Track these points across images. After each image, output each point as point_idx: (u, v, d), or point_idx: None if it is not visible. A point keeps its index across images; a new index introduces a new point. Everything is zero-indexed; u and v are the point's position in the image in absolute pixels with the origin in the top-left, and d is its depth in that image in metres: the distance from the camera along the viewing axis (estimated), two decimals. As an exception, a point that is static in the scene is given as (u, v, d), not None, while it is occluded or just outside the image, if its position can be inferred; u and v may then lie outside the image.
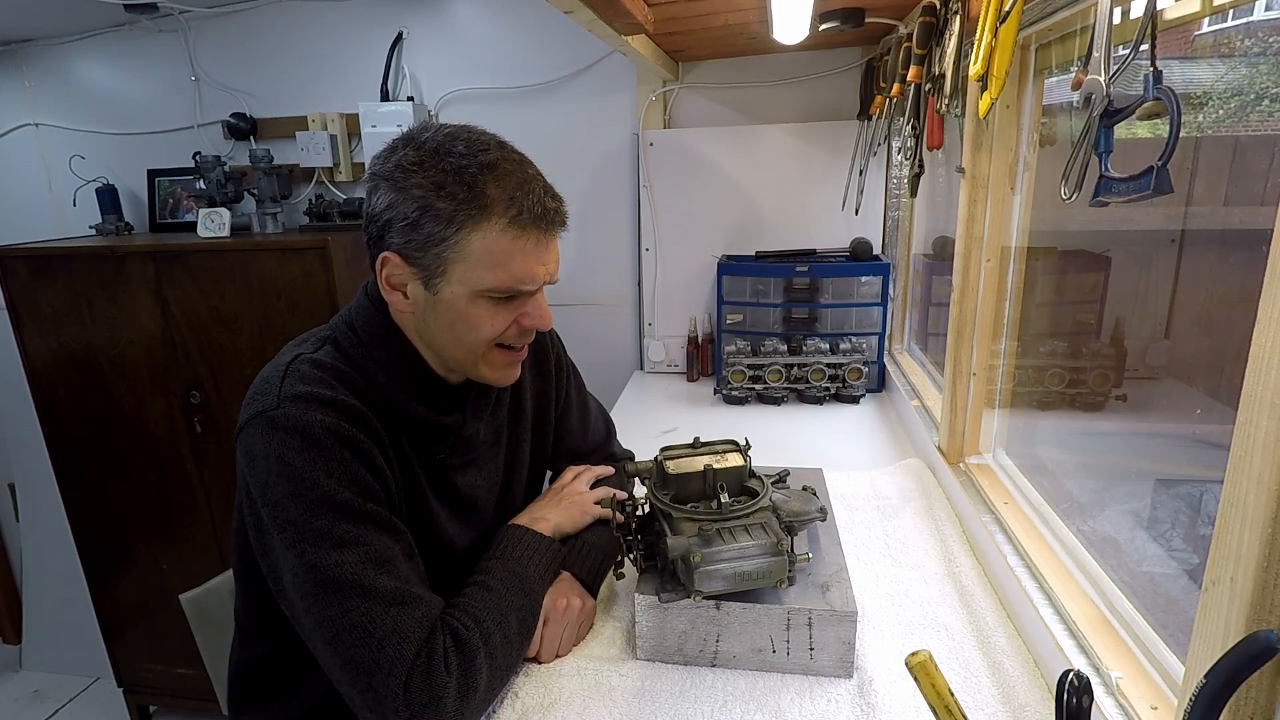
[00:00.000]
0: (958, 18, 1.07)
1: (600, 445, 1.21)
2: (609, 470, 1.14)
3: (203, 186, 2.12)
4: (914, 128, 1.29)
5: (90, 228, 2.31)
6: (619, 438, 1.27)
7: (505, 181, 0.78)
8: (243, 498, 0.82)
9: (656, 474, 0.94)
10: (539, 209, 0.79)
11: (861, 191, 1.78)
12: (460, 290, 0.79)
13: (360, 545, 0.74)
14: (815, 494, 1.02)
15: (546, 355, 1.10)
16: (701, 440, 0.97)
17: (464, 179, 0.76)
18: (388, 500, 0.80)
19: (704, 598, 0.82)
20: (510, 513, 1.01)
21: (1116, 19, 0.68)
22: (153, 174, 2.37)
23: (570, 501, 1.04)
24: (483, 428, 0.96)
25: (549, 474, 1.15)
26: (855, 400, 1.84)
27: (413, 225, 0.77)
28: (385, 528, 0.77)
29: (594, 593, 0.97)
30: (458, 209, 0.76)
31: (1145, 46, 0.60)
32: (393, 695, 0.71)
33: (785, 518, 0.88)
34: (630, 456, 1.25)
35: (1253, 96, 0.82)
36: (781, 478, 1.07)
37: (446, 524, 0.92)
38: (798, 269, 1.87)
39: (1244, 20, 0.80)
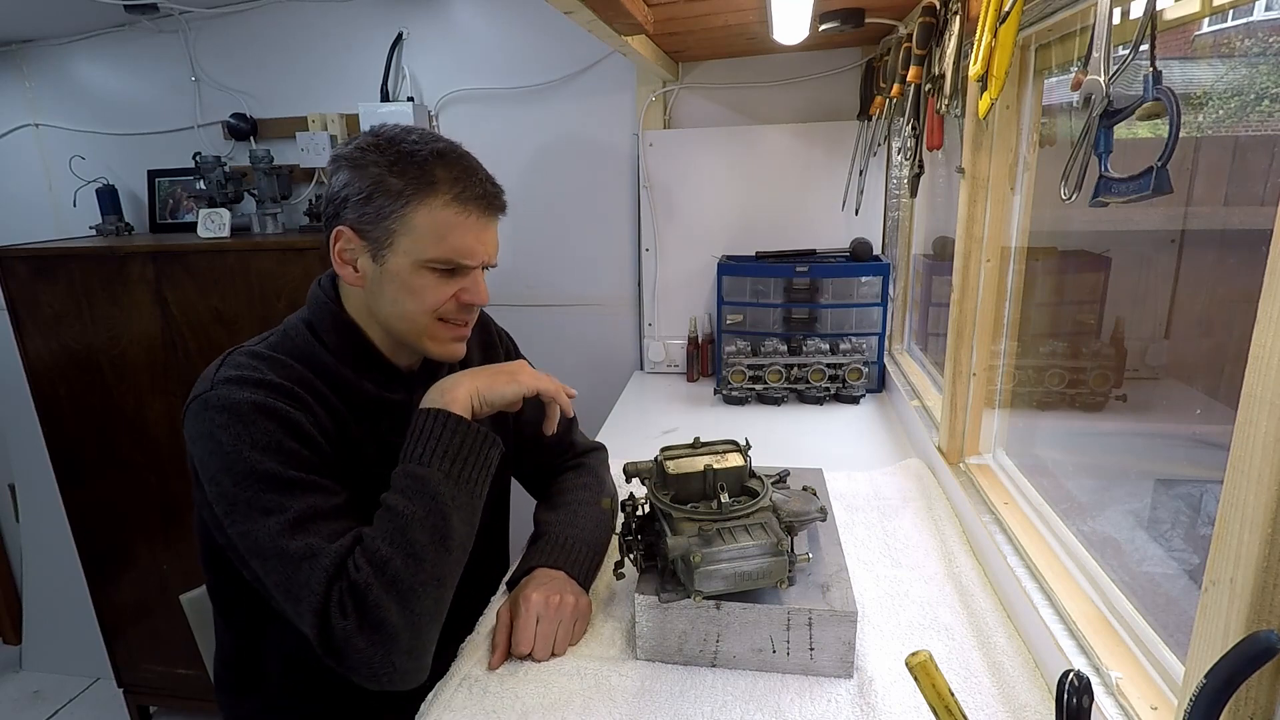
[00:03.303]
0: (958, 18, 1.08)
1: (561, 432, 1.18)
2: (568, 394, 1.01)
3: (203, 187, 2.12)
4: (914, 128, 1.29)
5: (90, 228, 2.31)
6: (619, 439, 1.27)
7: (452, 167, 0.87)
8: (194, 482, 0.88)
9: (656, 474, 0.94)
10: (480, 191, 0.88)
11: (861, 191, 1.79)
12: (404, 261, 0.86)
13: (281, 511, 0.79)
14: (815, 494, 1.02)
15: (494, 346, 1.13)
16: (701, 440, 0.97)
17: (415, 160, 0.85)
18: (321, 461, 0.85)
19: (704, 598, 0.82)
20: None
21: (1116, 19, 0.68)
22: (153, 174, 2.37)
23: (498, 367, 0.93)
24: None
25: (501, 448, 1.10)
26: (855, 400, 1.84)
27: (366, 199, 0.85)
28: (310, 489, 0.82)
29: (587, 588, 0.97)
30: (406, 185, 0.84)
31: (1145, 47, 0.60)
32: (317, 644, 0.77)
33: (785, 518, 0.88)
34: (597, 447, 1.25)
35: (1253, 96, 0.82)
36: (781, 478, 1.07)
37: None
38: (798, 269, 1.87)
39: (1244, 20, 0.80)
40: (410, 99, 2.12)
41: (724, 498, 0.88)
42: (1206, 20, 0.80)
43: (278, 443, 0.81)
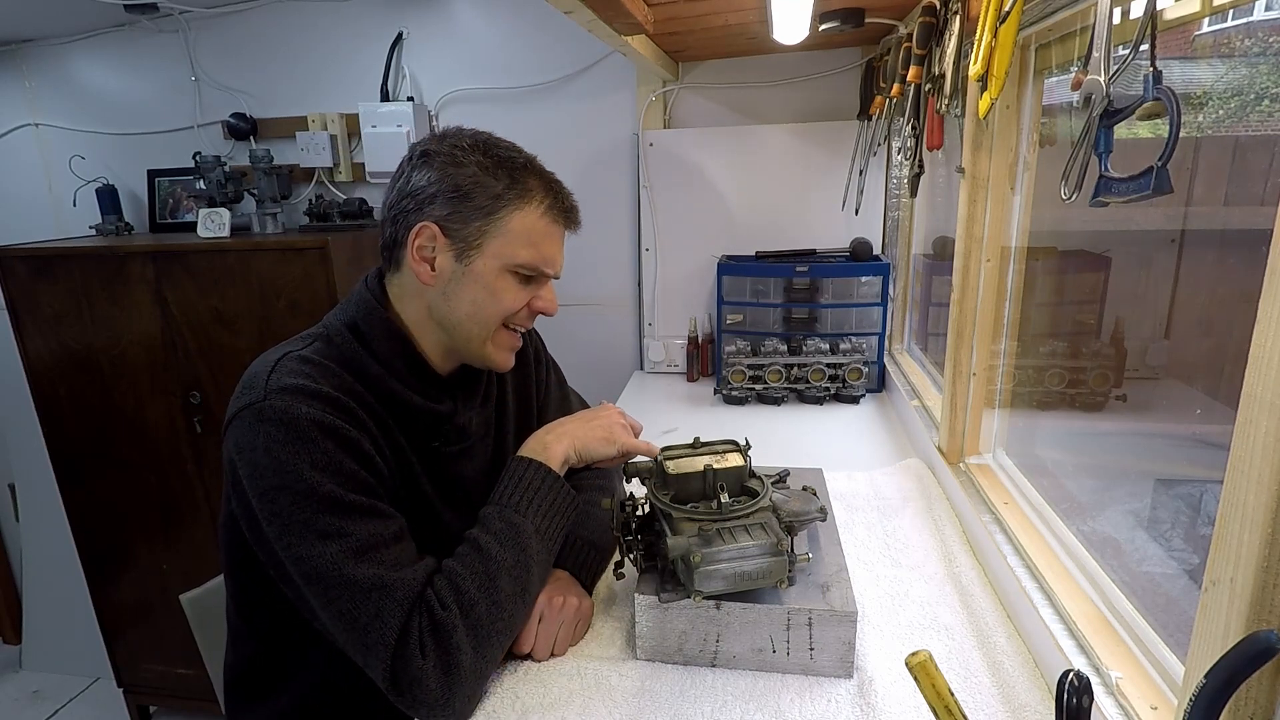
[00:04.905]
0: (958, 18, 1.08)
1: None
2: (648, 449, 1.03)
3: (203, 186, 2.12)
4: (914, 128, 1.29)
5: (90, 228, 2.31)
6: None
7: (543, 177, 0.90)
8: (230, 490, 0.84)
9: (656, 474, 0.94)
10: (568, 204, 0.91)
11: (861, 191, 1.78)
12: (493, 264, 0.87)
13: (343, 537, 0.76)
14: (815, 494, 1.02)
15: (524, 348, 1.12)
16: (701, 440, 0.97)
17: (512, 166, 0.87)
18: (379, 484, 0.83)
19: (704, 598, 0.82)
20: None
21: (1116, 19, 0.68)
22: (153, 174, 2.37)
23: (600, 423, 0.98)
24: (474, 417, 0.98)
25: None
26: (855, 400, 1.84)
27: (463, 197, 0.84)
28: (371, 515, 0.79)
29: (590, 591, 0.97)
30: (506, 189, 0.86)
31: (1145, 46, 0.60)
32: (383, 678, 0.75)
33: (785, 518, 0.88)
34: None
35: (1253, 96, 0.82)
36: (781, 478, 1.07)
37: (443, 511, 0.94)
38: (798, 269, 1.87)
39: (1244, 20, 0.80)
40: (410, 99, 2.12)
41: (724, 498, 0.88)
42: (1206, 20, 0.80)
43: (338, 464, 0.78)
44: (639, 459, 0.98)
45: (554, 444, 0.93)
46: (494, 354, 0.92)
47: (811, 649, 0.84)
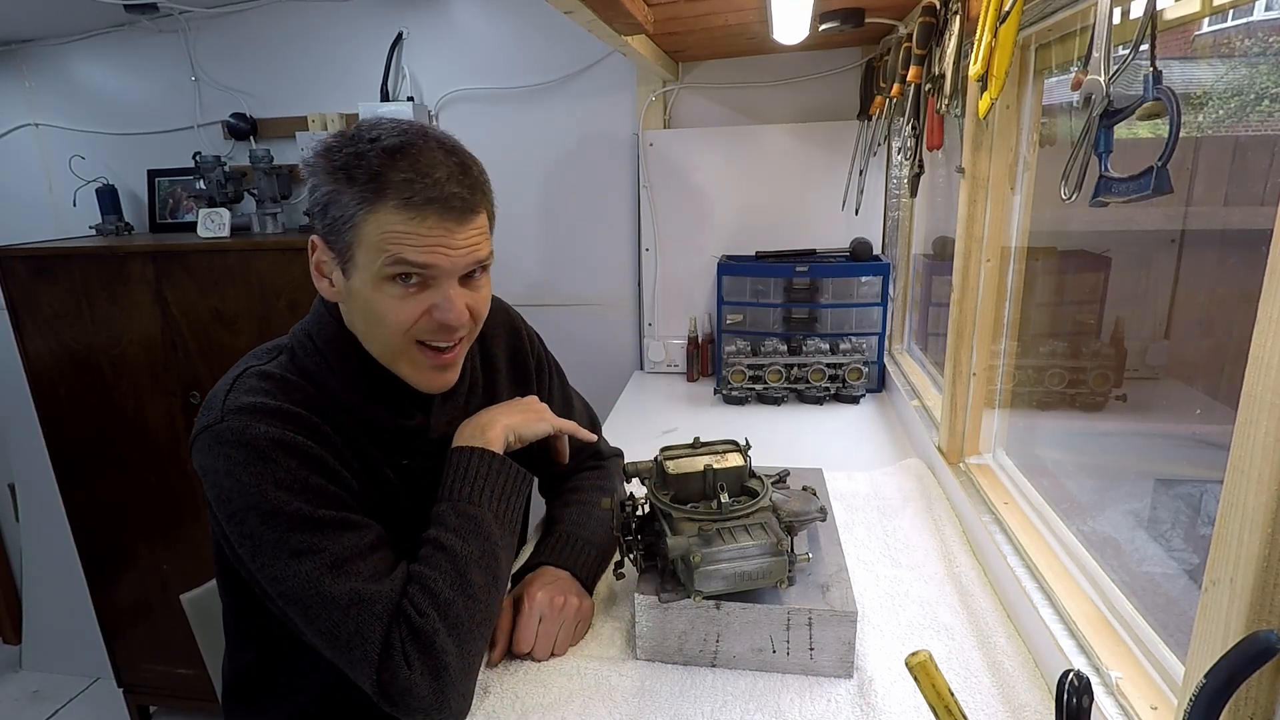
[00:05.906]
0: (958, 18, 1.08)
1: (584, 442, 1.18)
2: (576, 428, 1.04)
3: (203, 186, 2.12)
4: (914, 128, 1.29)
5: (90, 228, 2.31)
6: (619, 439, 1.27)
7: (403, 167, 0.75)
8: (209, 508, 0.83)
9: (656, 474, 0.94)
10: (435, 192, 0.75)
11: (861, 191, 1.78)
12: (365, 276, 0.78)
13: (316, 553, 0.75)
14: (815, 494, 1.02)
15: (525, 357, 1.08)
16: (701, 440, 0.97)
17: (365, 162, 0.75)
18: (349, 496, 0.81)
19: (704, 598, 0.82)
20: None
21: (1116, 19, 0.68)
22: (153, 174, 2.37)
23: (526, 405, 0.97)
24: (452, 432, 0.93)
25: (535, 480, 1.12)
26: (855, 400, 1.84)
27: (323, 210, 0.78)
28: (343, 527, 0.77)
29: (591, 591, 0.97)
30: (357, 192, 0.75)
31: (1145, 46, 0.60)
32: (373, 692, 0.74)
33: (785, 518, 0.88)
34: (618, 453, 1.25)
35: (1253, 96, 0.82)
36: (781, 478, 1.07)
37: (422, 526, 0.90)
38: (798, 269, 1.87)
39: (1244, 20, 0.80)
40: (410, 99, 2.12)
41: (724, 498, 0.88)
42: (1206, 20, 0.80)
43: (303, 480, 0.77)
44: (639, 460, 0.98)
45: (490, 428, 0.89)
46: (413, 375, 0.84)
47: (811, 649, 0.84)
